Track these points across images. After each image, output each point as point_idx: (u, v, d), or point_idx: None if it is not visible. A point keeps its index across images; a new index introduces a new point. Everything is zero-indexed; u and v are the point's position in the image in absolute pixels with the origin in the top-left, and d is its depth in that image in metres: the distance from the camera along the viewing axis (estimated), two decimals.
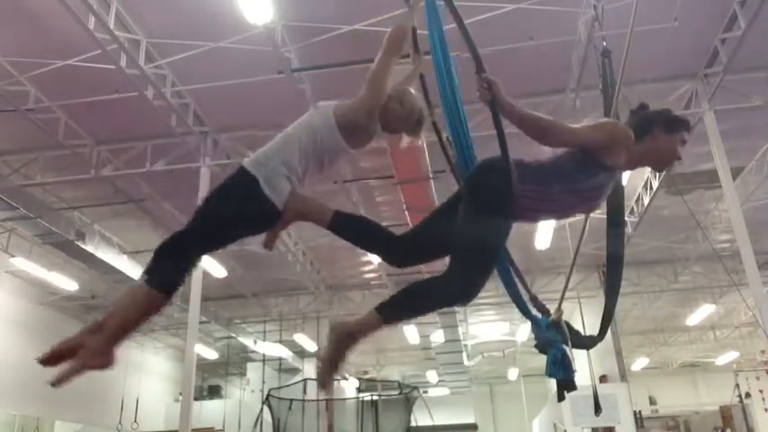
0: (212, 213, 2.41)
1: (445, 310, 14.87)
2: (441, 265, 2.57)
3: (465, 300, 2.42)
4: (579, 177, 2.42)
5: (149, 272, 2.28)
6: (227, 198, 2.43)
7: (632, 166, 2.54)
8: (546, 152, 2.48)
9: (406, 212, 9.44)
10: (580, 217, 2.98)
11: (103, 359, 2.36)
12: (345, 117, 2.56)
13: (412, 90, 2.81)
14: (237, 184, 2.44)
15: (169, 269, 2.29)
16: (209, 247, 2.48)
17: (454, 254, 2.43)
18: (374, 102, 2.60)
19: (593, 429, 11.76)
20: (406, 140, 2.84)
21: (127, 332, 2.38)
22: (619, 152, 2.41)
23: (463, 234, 2.41)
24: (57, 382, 2.28)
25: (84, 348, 2.34)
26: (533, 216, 2.60)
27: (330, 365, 2.37)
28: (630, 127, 2.49)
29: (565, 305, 3.35)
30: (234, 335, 17.29)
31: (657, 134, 2.48)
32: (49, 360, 2.31)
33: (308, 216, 2.55)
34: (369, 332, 2.40)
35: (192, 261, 2.36)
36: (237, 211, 2.39)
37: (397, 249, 2.64)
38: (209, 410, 17.10)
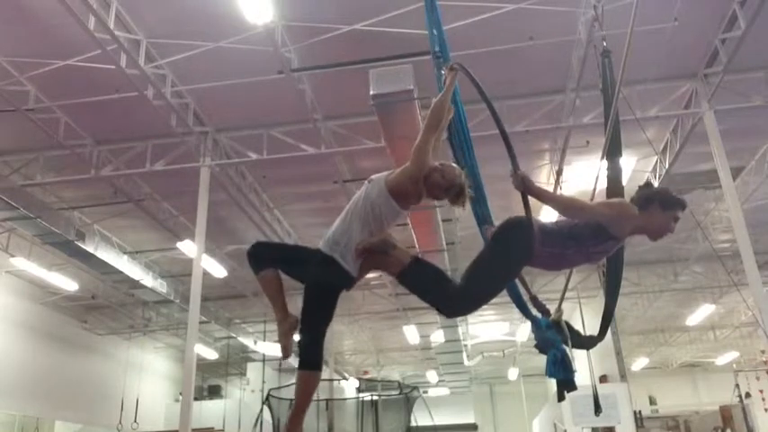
0: (318, 302, 3.02)
1: None
2: None
3: (452, 316, 3.19)
4: (590, 243, 2.90)
5: (306, 360, 2.96)
6: (322, 284, 3.03)
7: (631, 234, 2.96)
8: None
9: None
10: None
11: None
12: (396, 187, 3.08)
13: (453, 164, 3.26)
14: (323, 269, 3.01)
15: (315, 352, 2.97)
16: (328, 321, 3.03)
17: (465, 283, 2.91)
18: (418, 172, 3.07)
19: (593, 429, 11.75)
20: (454, 208, 3.28)
21: (306, 408, 3.06)
22: (624, 225, 2.88)
23: (479, 273, 2.94)
24: None
25: None
26: (543, 266, 3.08)
27: (363, 248, 2.98)
28: (634, 200, 2.95)
29: (565, 305, 3.36)
30: (234, 335, 17.29)
31: (654, 210, 2.90)
32: None
33: (385, 267, 3.11)
34: (390, 264, 3.03)
35: (323, 339, 2.99)
36: (331, 288, 3.04)
37: (453, 306, 3.10)
38: (209, 410, 17.09)
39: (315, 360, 2.96)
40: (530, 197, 2.85)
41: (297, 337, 3.08)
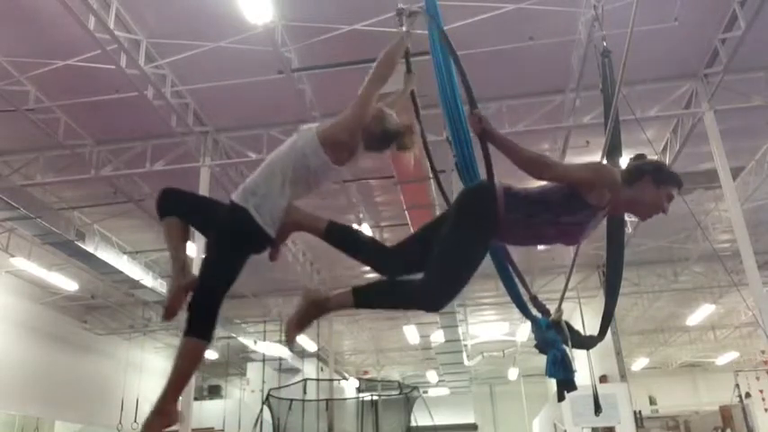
0: (218, 257, 2.64)
1: (445, 309, 14.85)
2: None
3: (433, 309, 2.60)
4: (562, 212, 2.50)
5: (191, 326, 2.52)
6: (226, 236, 2.63)
7: (616, 210, 2.64)
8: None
9: (406, 212, 9.45)
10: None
11: (171, 417, 2.59)
12: (328, 136, 2.71)
13: (390, 111, 2.89)
14: (231, 219, 2.62)
15: (206, 318, 2.55)
16: (228, 283, 2.63)
17: (432, 265, 2.51)
18: (356, 121, 2.73)
19: (593, 429, 11.76)
20: (406, 158, 2.95)
21: (184, 384, 2.64)
22: (602, 192, 2.48)
23: (443, 249, 2.50)
24: None
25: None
26: (513, 240, 2.71)
27: (295, 326, 2.61)
28: (624, 171, 2.60)
29: (565, 305, 3.35)
30: (234, 335, 17.28)
31: (646, 184, 2.55)
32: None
33: (305, 227, 2.74)
34: (339, 308, 2.61)
35: (219, 303, 2.59)
36: (237, 246, 2.62)
37: (386, 259, 2.75)
38: (209, 410, 17.08)
39: (205, 328, 2.52)
40: (495, 146, 2.46)
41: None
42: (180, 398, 2.65)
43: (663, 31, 6.58)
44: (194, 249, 8.96)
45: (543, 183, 2.60)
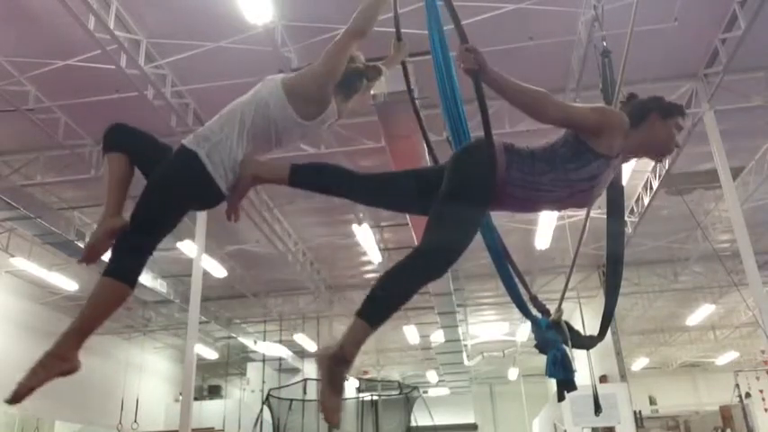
0: (156, 199, 2.35)
1: (445, 310, 14.89)
2: None
3: (441, 271, 2.27)
4: (571, 166, 2.28)
5: (113, 264, 2.25)
6: (168, 179, 2.36)
7: (629, 155, 2.45)
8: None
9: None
10: (579, 216, 3.01)
11: (70, 364, 2.36)
12: (295, 87, 2.50)
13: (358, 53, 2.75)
14: (178, 162, 2.38)
15: (130, 260, 2.28)
16: (161, 230, 2.37)
17: (429, 228, 2.28)
18: (327, 75, 2.54)
19: (593, 429, 11.76)
20: (372, 90, 2.75)
21: (93, 328, 2.38)
22: (613, 137, 2.28)
23: (438, 213, 2.29)
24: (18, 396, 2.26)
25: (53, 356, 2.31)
26: (519, 205, 2.45)
27: (331, 395, 2.24)
28: (628, 114, 2.42)
29: (565, 305, 3.35)
30: (234, 335, 17.29)
31: (654, 120, 2.40)
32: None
33: (266, 178, 2.47)
34: (359, 347, 2.23)
35: (149, 248, 2.33)
36: (180, 191, 2.36)
37: (363, 188, 2.54)
38: (209, 410, 17.09)
39: (128, 269, 2.26)
40: (489, 86, 2.21)
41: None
42: (83, 343, 2.37)
43: (663, 31, 6.58)
44: (193, 248, 8.98)
45: (546, 139, 2.42)
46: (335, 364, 2.20)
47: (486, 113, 2.19)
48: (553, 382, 3.08)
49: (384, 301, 2.23)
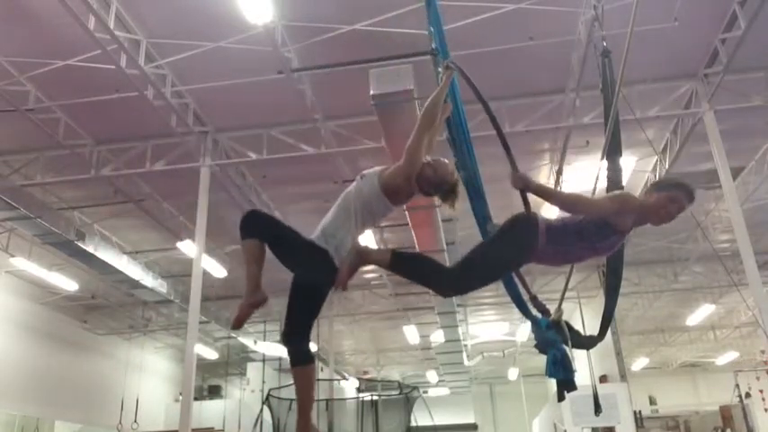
0: (305, 291, 3.05)
1: (445, 309, 14.89)
2: None
3: (450, 293, 3.20)
4: (595, 238, 2.91)
5: (295, 357, 3.01)
6: (310, 273, 3.03)
7: (635, 225, 2.97)
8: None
9: (407, 213, 9.45)
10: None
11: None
12: (388, 184, 3.11)
13: (446, 160, 3.24)
14: (315, 259, 3.00)
15: (302, 347, 3.03)
16: (314, 316, 3.08)
17: (465, 258, 2.92)
18: (411, 169, 3.09)
19: (593, 429, 11.76)
20: (442, 206, 3.32)
21: (311, 404, 3.11)
22: (627, 218, 2.89)
23: (479, 250, 2.97)
24: None
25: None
26: (551, 262, 3.05)
27: (348, 271, 2.99)
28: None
29: (565, 305, 3.36)
30: (234, 335, 17.27)
31: (651, 192, 2.93)
32: None
33: (373, 262, 3.09)
34: (376, 263, 3.04)
35: (309, 331, 3.08)
36: (321, 283, 3.05)
37: (447, 279, 3.08)
38: (209, 410, 17.08)
39: (308, 355, 3.01)
40: (530, 195, 2.89)
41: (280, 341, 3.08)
42: (308, 417, 3.07)
43: (663, 31, 6.58)
44: (193, 248, 8.97)
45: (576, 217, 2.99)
46: (358, 256, 3.02)
47: (527, 204, 2.94)
48: (553, 382, 3.09)
49: (408, 265, 3.11)
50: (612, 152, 3.95)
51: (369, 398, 13.78)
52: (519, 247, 2.96)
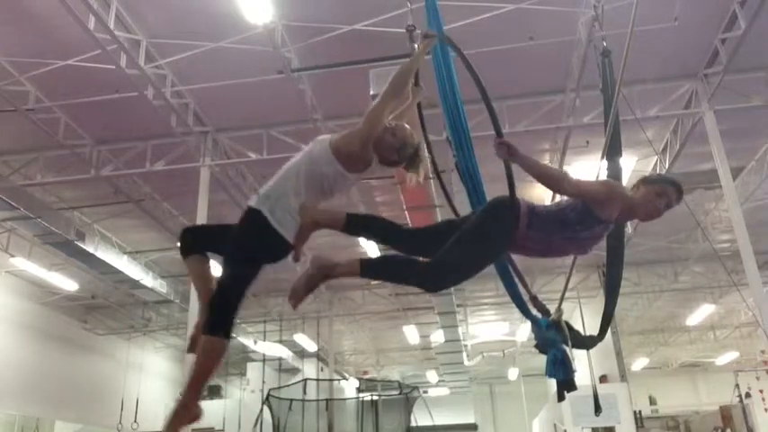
0: (235, 260, 2.75)
1: (445, 310, 14.89)
2: None
3: (432, 289, 2.91)
4: (579, 227, 2.75)
5: (213, 325, 2.67)
6: (241, 240, 2.76)
7: (621, 218, 2.87)
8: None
9: (406, 212, 9.45)
10: None
11: (194, 412, 2.67)
12: (341, 147, 2.84)
13: (406, 125, 3.02)
14: (245, 222, 2.77)
15: (226, 319, 2.69)
16: (248, 287, 2.78)
17: (444, 251, 2.69)
18: (367, 133, 2.85)
19: (593, 429, 11.76)
20: (409, 178, 3.07)
21: (206, 381, 2.72)
22: (614, 206, 2.74)
23: (457, 240, 2.70)
24: None
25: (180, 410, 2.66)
26: (533, 254, 2.87)
27: (303, 289, 2.81)
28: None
29: (565, 305, 3.36)
30: (234, 335, 17.25)
31: (639, 186, 2.84)
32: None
33: (325, 224, 2.85)
34: (343, 275, 2.80)
35: (237, 306, 2.73)
36: (252, 249, 2.75)
37: (406, 240, 2.96)
38: (209, 410, 16.84)
39: (223, 327, 2.68)
40: (522, 167, 2.68)
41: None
42: (199, 389, 2.70)
43: (663, 31, 6.58)
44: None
45: (559, 201, 2.86)
46: (323, 270, 2.77)
47: (511, 178, 2.65)
48: (553, 382, 3.09)
49: (379, 269, 2.86)
50: (612, 152, 3.95)
51: (369, 398, 13.78)
52: (500, 229, 2.74)
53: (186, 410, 2.64)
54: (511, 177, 2.65)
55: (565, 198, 2.84)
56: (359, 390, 17.55)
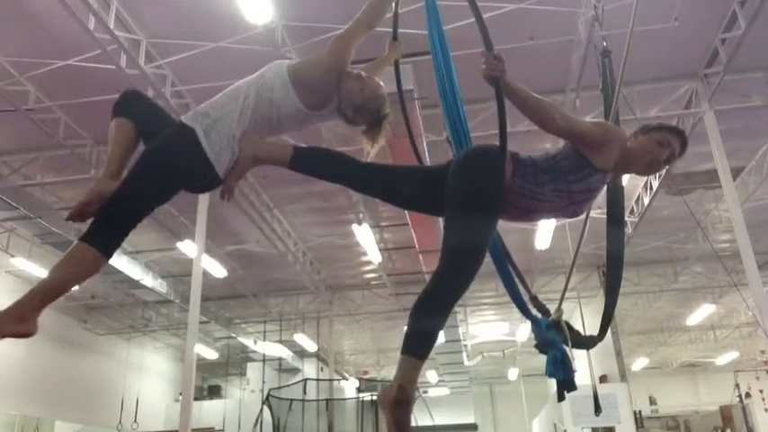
0: (148, 171, 2.28)
1: None
2: None
3: (468, 283, 2.35)
4: (572, 178, 2.41)
5: (93, 232, 2.20)
6: (162, 154, 2.29)
7: (619, 170, 2.58)
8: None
9: (406, 212, 9.44)
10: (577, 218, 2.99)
11: (27, 326, 2.17)
12: (300, 72, 2.44)
13: (381, 83, 2.70)
14: (173, 137, 2.32)
15: (109, 232, 2.23)
16: (149, 205, 2.32)
17: (444, 251, 2.33)
18: (333, 61, 2.48)
19: (593, 429, 11.76)
20: (365, 144, 2.70)
21: (60, 293, 2.24)
22: (611, 152, 2.41)
23: (454, 225, 2.32)
24: None
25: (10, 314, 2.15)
26: (519, 214, 2.50)
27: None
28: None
29: (565, 305, 3.35)
30: (234, 335, 17.29)
31: (638, 135, 2.53)
32: None
33: (266, 159, 2.41)
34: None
35: (131, 222, 2.27)
36: (172, 166, 2.29)
37: (363, 178, 2.58)
38: (209, 410, 17.09)
39: (106, 240, 2.20)
40: (505, 94, 2.29)
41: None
42: (42, 308, 2.22)
43: (663, 31, 6.58)
44: (193, 248, 8.98)
45: (547, 152, 2.55)
46: (399, 406, 2.25)
47: (503, 119, 2.23)
48: (553, 382, 3.08)
49: (424, 332, 2.37)
50: None
51: (369, 398, 13.77)
52: (486, 190, 2.28)
53: (17, 320, 2.13)
54: (502, 109, 2.22)
55: (554, 149, 2.53)
56: (359, 390, 17.55)
